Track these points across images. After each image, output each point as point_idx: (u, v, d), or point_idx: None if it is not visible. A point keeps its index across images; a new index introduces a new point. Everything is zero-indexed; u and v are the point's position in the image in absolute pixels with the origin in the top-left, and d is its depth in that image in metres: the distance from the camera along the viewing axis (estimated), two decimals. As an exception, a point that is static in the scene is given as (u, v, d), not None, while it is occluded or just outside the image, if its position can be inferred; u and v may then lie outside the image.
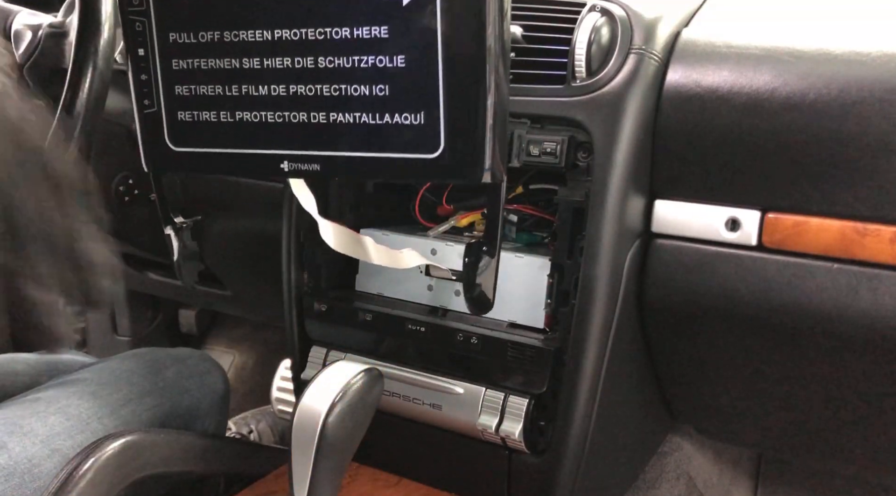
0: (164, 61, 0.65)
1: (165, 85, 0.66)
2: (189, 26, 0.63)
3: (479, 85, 0.55)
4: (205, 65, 0.63)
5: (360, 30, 0.56)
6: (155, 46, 0.65)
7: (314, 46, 0.58)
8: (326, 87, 0.57)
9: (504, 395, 0.77)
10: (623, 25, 0.74)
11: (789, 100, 0.69)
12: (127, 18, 0.65)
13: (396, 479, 0.91)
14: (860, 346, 0.72)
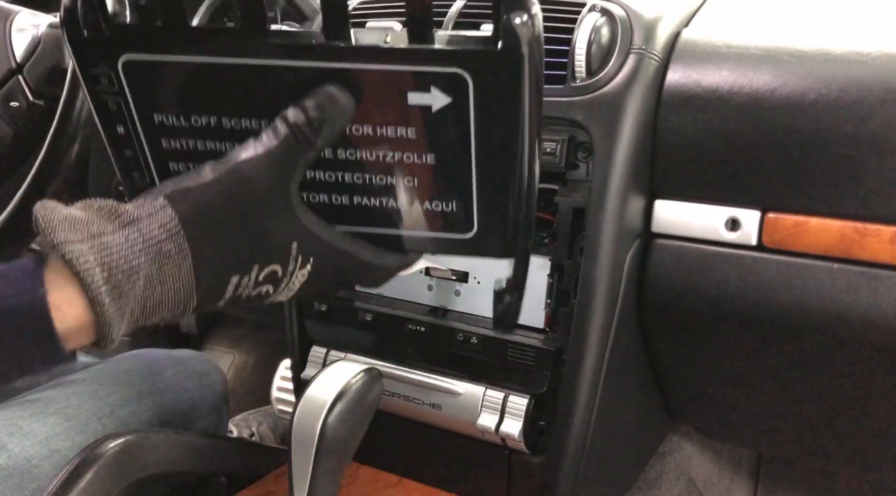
0: (150, 141, 0.56)
1: (157, 161, 0.57)
2: (177, 110, 0.54)
3: (513, 175, 0.52)
4: (202, 146, 0.54)
5: (385, 128, 0.51)
6: (138, 127, 0.56)
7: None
8: (348, 175, 0.52)
9: (504, 395, 0.77)
10: (623, 25, 0.74)
11: (789, 100, 0.69)
12: (96, 98, 0.55)
13: (396, 479, 0.91)
14: (860, 346, 0.72)
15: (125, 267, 0.43)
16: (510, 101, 0.48)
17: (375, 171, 0.52)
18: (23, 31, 0.98)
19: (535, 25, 0.47)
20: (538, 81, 0.48)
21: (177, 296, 0.46)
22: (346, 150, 0.52)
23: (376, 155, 0.52)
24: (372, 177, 0.52)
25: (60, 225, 0.43)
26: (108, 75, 0.53)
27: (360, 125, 0.51)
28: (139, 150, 0.56)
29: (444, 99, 0.48)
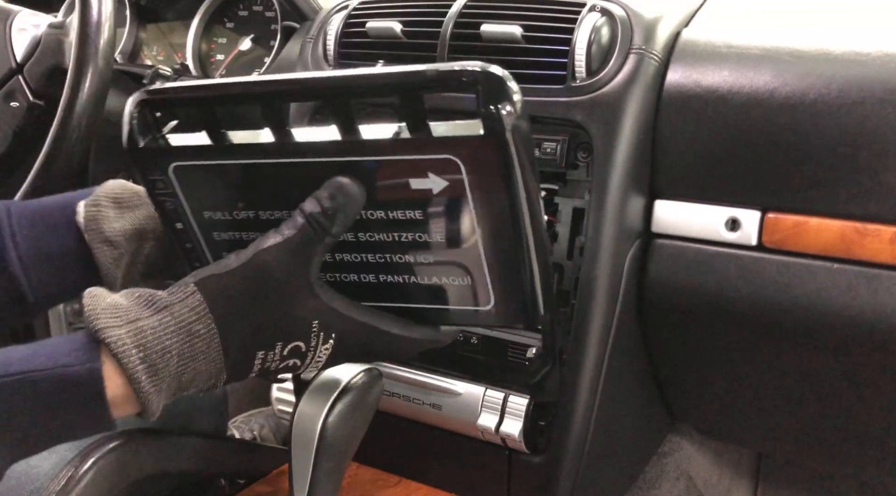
0: (205, 234, 0.64)
1: (212, 251, 0.65)
2: (222, 207, 0.62)
3: (519, 248, 0.56)
4: (247, 237, 0.61)
5: (395, 213, 0.57)
6: (192, 222, 0.63)
7: (354, 224, 0.57)
8: (371, 255, 0.59)
9: (504, 395, 0.77)
10: (623, 25, 0.74)
11: (789, 100, 0.69)
12: (156, 199, 0.63)
13: (396, 479, 0.91)
14: (860, 346, 0.72)
15: (158, 347, 0.49)
16: (502, 180, 0.52)
17: (394, 251, 0.58)
18: (23, 31, 0.98)
19: (517, 110, 0.51)
20: (529, 158, 0.52)
21: (208, 369, 0.52)
22: (366, 233, 0.58)
23: (392, 236, 0.57)
24: (391, 256, 0.58)
25: (104, 313, 0.50)
26: (162, 179, 0.61)
27: (374, 210, 0.57)
28: (197, 243, 0.64)
29: (442, 182, 0.53)
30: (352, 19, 0.85)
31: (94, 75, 0.82)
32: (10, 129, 0.96)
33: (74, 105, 0.82)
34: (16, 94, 0.96)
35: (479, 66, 0.53)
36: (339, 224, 0.54)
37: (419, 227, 0.57)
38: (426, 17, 0.81)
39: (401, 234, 0.57)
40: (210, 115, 0.58)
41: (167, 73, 1.06)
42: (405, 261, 0.59)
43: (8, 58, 0.96)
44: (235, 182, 0.61)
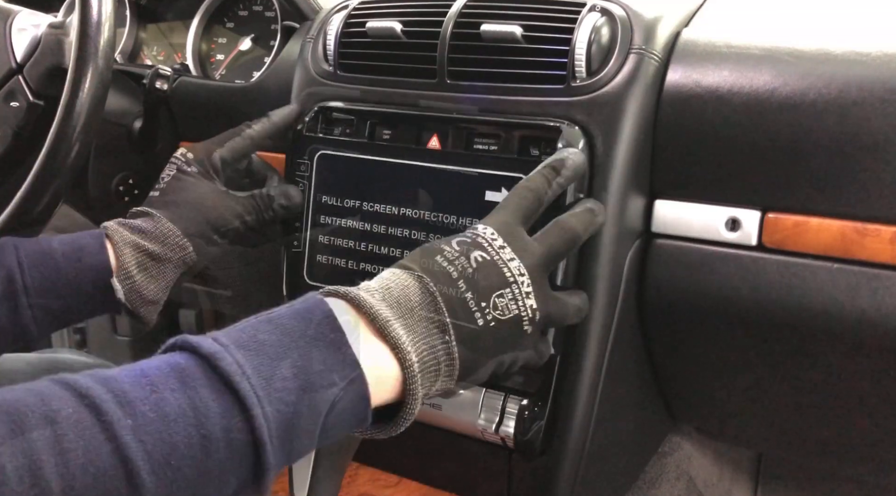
0: (314, 215, 0.83)
1: (312, 233, 0.83)
2: (337, 193, 0.82)
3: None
4: (344, 223, 0.81)
5: (464, 220, 0.75)
6: (310, 203, 0.83)
7: (427, 225, 0.77)
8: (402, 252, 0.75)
9: (504, 396, 0.77)
10: (623, 25, 0.74)
11: (789, 100, 0.69)
12: (293, 179, 0.84)
13: (396, 479, 0.91)
14: (860, 346, 0.72)
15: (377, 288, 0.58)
16: (561, 196, 0.70)
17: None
18: (23, 31, 0.98)
19: (581, 153, 0.71)
20: (581, 183, 0.72)
21: (432, 315, 0.57)
22: (436, 234, 0.76)
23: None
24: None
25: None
26: (306, 163, 0.83)
27: (448, 215, 0.76)
28: (303, 222, 0.83)
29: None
30: (352, 19, 0.86)
31: (94, 75, 0.82)
32: (10, 129, 0.96)
33: (74, 105, 0.82)
34: (16, 94, 0.96)
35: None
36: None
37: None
38: (426, 17, 0.81)
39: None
40: (366, 125, 0.80)
41: (167, 73, 1.06)
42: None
43: (8, 58, 0.96)
44: (357, 174, 0.80)
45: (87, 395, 0.42)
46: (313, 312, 0.52)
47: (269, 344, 0.49)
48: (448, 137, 0.78)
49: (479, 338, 0.57)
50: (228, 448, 0.45)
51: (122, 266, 0.74)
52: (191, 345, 0.48)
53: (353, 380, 0.50)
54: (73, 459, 0.40)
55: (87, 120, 0.82)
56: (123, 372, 0.45)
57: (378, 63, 0.83)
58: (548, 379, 0.76)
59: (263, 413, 0.46)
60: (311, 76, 0.88)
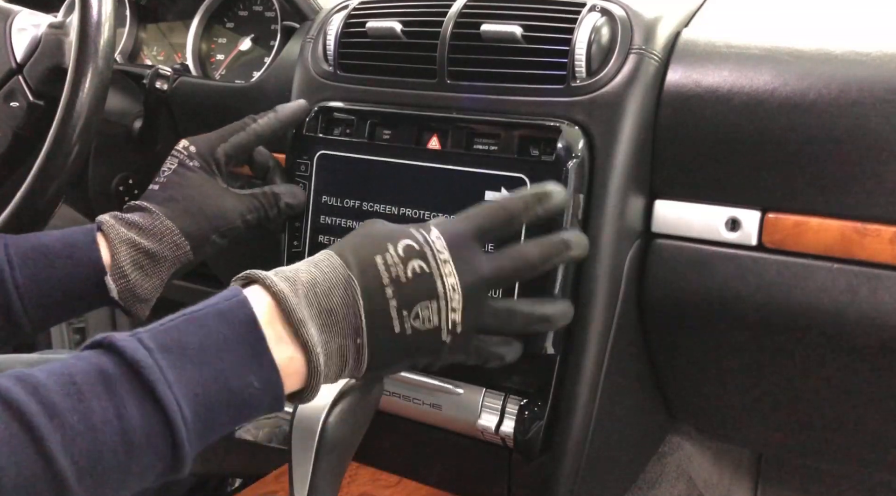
0: (314, 215, 0.83)
1: (312, 234, 0.83)
2: (338, 194, 0.82)
3: (548, 280, 0.71)
4: (344, 224, 0.82)
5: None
6: (310, 202, 0.83)
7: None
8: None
9: (504, 396, 0.77)
10: (623, 25, 0.74)
11: (789, 100, 0.69)
12: (294, 179, 0.84)
13: (396, 479, 0.91)
14: (860, 346, 0.72)
15: (289, 272, 0.59)
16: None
17: None
18: (23, 31, 0.98)
19: (581, 152, 0.72)
20: (581, 183, 0.72)
21: (335, 278, 0.58)
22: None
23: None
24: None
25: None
26: (306, 163, 0.83)
27: (447, 215, 0.72)
28: (304, 222, 0.84)
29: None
30: (352, 19, 0.86)
31: (94, 75, 0.82)
32: (10, 129, 0.96)
33: (74, 105, 0.82)
34: (16, 94, 0.96)
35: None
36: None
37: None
38: (426, 16, 0.81)
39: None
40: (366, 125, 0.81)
41: (167, 73, 1.06)
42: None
43: (8, 58, 0.96)
44: (357, 175, 0.81)
45: (18, 409, 0.45)
46: (236, 314, 0.54)
47: (192, 347, 0.51)
48: (448, 137, 0.78)
49: (393, 342, 0.59)
50: (150, 450, 0.49)
51: (116, 264, 0.73)
52: (117, 349, 0.50)
53: (269, 380, 0.54)
54: (7, 476, 0.43)
55: (87, 120, 0.82)
56: (51, 376, 0.48)
57: (378, 63, 0.83)
58: (547, 379, 0.76)
59: (183, 418, 0.49)
60: (311, 76, 0.88)
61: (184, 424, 0.49)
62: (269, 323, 0.55)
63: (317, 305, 0.56)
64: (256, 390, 0.53)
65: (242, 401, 0.53)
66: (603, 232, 0.72)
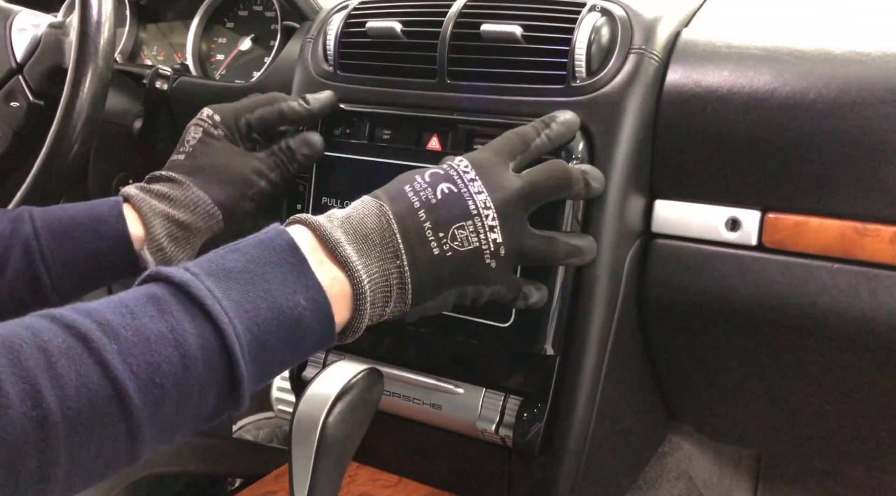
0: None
1: None
2: (337, 195, 0.81)
3: (548, 279, 0.70)
4: None
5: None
6: (310, 205, 0.82)
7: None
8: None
9: (504, 396, 0.77)
10: (623, 25, 0.74)
11: (789, 100, 0.69)
12: (293, 180, 0.83)
13: (396, 479, 0.91)
14: (860, 346, 0.72)
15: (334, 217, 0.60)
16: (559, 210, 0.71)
17: None
18: (23, 31, 0.98)
19: (581, 153, 0.72)
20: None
21: (378, 221, 0.60)
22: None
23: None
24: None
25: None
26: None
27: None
28: None
29: None
30: (352, 19, 0.85)
31: (94, 75, 0.82)
32: (10, 129, 0.96)
33: (74, 105, 0.82)
34: (16, 94, 0.96)
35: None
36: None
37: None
38: (426, 16, 0.81)
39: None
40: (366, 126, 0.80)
41: (167, 73, 1.06)
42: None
43: (8, 58, 0.96)
44: (357, 176, 0.80)
45: (73, 326, 0.46)
46: (275, 241, 0.55)
47: (237, 271, 0.52)
48: (448, 138, 0.78)
49: (435, 266, 0.60)
50: (206, 365, 0.49)
51: (152, 238, 0.72)
52: (164, 276, 0.51)
53: (316, 300, 0.54)
54: (68, 383, 0.44)
55: (87, 120, 0.83)
56: (103, 303, 0.49)
57: (378, 63, 0.83)
58: (547, 379, 0.76)
59: (235, 330, 0.49)
60: (311, 76, 0.88)
61: (237, 339, 0.49)
62: (310, 250, 0.56)
63: (352, 232, 0.58)
64: (305, 310, 0.53)
65: (293, 321, 0.53)
66: (603, 232, 0.72)
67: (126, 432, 0.46)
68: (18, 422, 0.41)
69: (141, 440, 0.47)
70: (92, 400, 0.44)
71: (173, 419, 0.48)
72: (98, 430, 0.44)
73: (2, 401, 0.41)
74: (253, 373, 0.51)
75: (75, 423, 0.43)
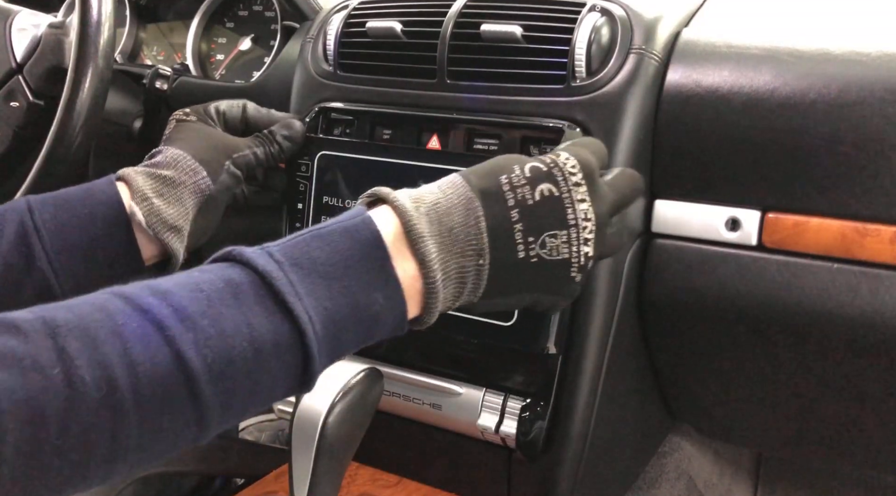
0: (315, 216, 0.83)
1: None
2: (339, 194, 0.82)
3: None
4: None
5: None
6: (311, 204, 0.83)
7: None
8: None
9: (504, 396, 0.77)
10: (623, 25, 0.74)
11: (789, 100, 0.69)
12: (294, 180, 0.84)
13: (396, 479, 0.91)
14: (860, 346, 0.72)
15: (415, 194, 0.59)
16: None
17: None
18: (23, 31, 0.98)
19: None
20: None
21: (461, 202, 0.57)
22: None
23: None
24: None
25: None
26: (306, 164, 0.83)
27: None
28: (304, 224, 0.82)
29: None
30: (352, 19, 0.86)
31: (94, 75, 0.82)
32: (10, 129, 0.96)
33: (74, 105, 0.82)
34: (16, 94, 0.96)
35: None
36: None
37: None
38: (426, 16, 0.81)
39: None
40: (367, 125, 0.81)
41: (167, 73, 1.06)
42: None
43: (8, 58, 0.96)
44: (357, 175, 0.80)
45: (148, 310, 0.46)
46: (362, 231, 0.54)
47: (321, 262, 0.51)
48: (448, 137, 0.78)
49: (517, 270, 0.57)
50: (279, 362, 0.49)
51: (136, 191, 0.72)
52: (245, 260, 0.50)
53: (393, 298, 0.54)
54: (142, 371, 0.44)
55: (86, 120, 0.83)
56: (178, 285, 0.48)
57: (378, 63, 0.83)
58: (549, 379, 0.76)
59: (314, 329, 0.49)
60: (311, 76, 0.88)
61: (315, 338, 0.49)
62: (392, 240, 0.54)
63: (437, 223, 0.56)
64: (382, 307, 0.53)
65: (369, 317, 0.53)
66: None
67: (195, 420, 0.46)
68: (93, 406, 0.42)
69: (207, 427, 0.47)
70: (165, 388, 0.44)
71: (241, 406, 0.49)
72: (168, 417, 0.45)
73: (79, 387, 0.42)
74: (323, 365, 0.52)
75: (147, 410, 0.44)
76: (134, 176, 0.72)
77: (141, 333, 0.45)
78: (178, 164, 0.74)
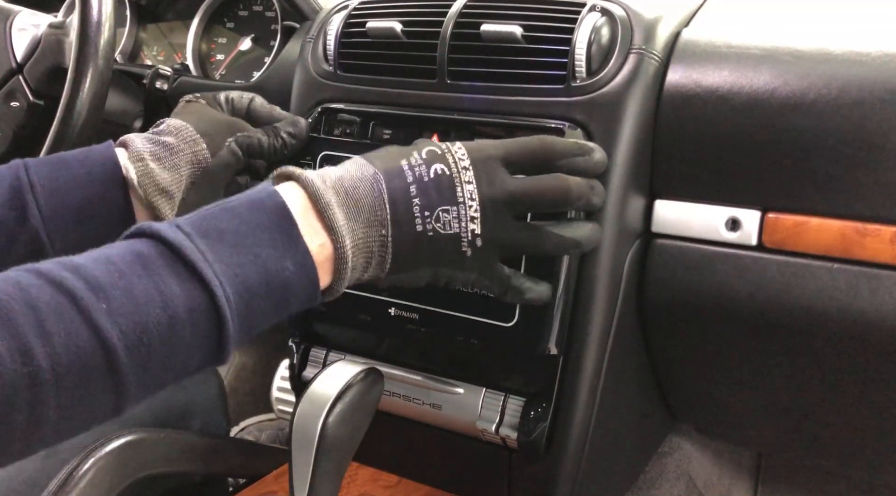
0: None
1: None
2: None
3: (552, 277, 0.71)
4: None
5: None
6: None
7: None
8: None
9: (504, 396, 0.77)
10: (623, 25, 0.74)
11: (789, 100, 0.69)
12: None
13: (396, 479, 0.91)
14: (860, 346, 0.72)
15: (321, 171, 0.61)
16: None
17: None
18: (23, 31, 0.98)
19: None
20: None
21: (363, 174, 0.61)
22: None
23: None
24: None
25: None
26: (309, 164, 0.83)
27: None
28: None
29: None
30: (352, 19, 0.86)
31: (94, 75, 0.82)
32: (10, 129, 0.96)
33: (74, 105, 0.82)
34: (16, 94, 0.96)
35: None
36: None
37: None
38: (426, 16, 0.81)
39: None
40: (367, 125, 0.81)
41: (167, 73, 1.06)
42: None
43: (8, 58, 0.96)
44: None
45: (60, 283, 0.46)
46: (267, 202, 0.56)
47: (229, 232, 0.53)
48: (448, 138, 0.78)
49: (416, 242, 0.61)
50: (193, 326, 0.50)
51: (133, 151, 0.72)
52: (154, 233, 0.51)
53: (303, 265, 0.55)
54: (57, 341, 0.45)
55: (87, 120, 0.83)
56: (90, 259, 0.49)
57: (378, 63, 0.83)
58: (550, 379, 0.76)
59: (225, 293, 0.50)
60: (312, 76, 0.88)
61: (227, 301, 0.50)
62: (301, 213, 0.56)
63: (344, 195, 0.59)
64: (292, 275, 0.54)
65: (281, 284, 0.54)
66: (603, 231, 0.72)
67: (113, 388, 0.47)
68: (9, 378, 0.43)
69: (126, 396, 0.48)
70: (81, 358, 0.45)
71: (158, 376, 0.49)
72: (86, 387, 0.46)
73: None
74: (238, 334, 0.52)
75: (64, 380, 0.45)
76: (133, 138, 0.73)
77: (55, 305, 0.45)
78: (180, 133, 0.75)
